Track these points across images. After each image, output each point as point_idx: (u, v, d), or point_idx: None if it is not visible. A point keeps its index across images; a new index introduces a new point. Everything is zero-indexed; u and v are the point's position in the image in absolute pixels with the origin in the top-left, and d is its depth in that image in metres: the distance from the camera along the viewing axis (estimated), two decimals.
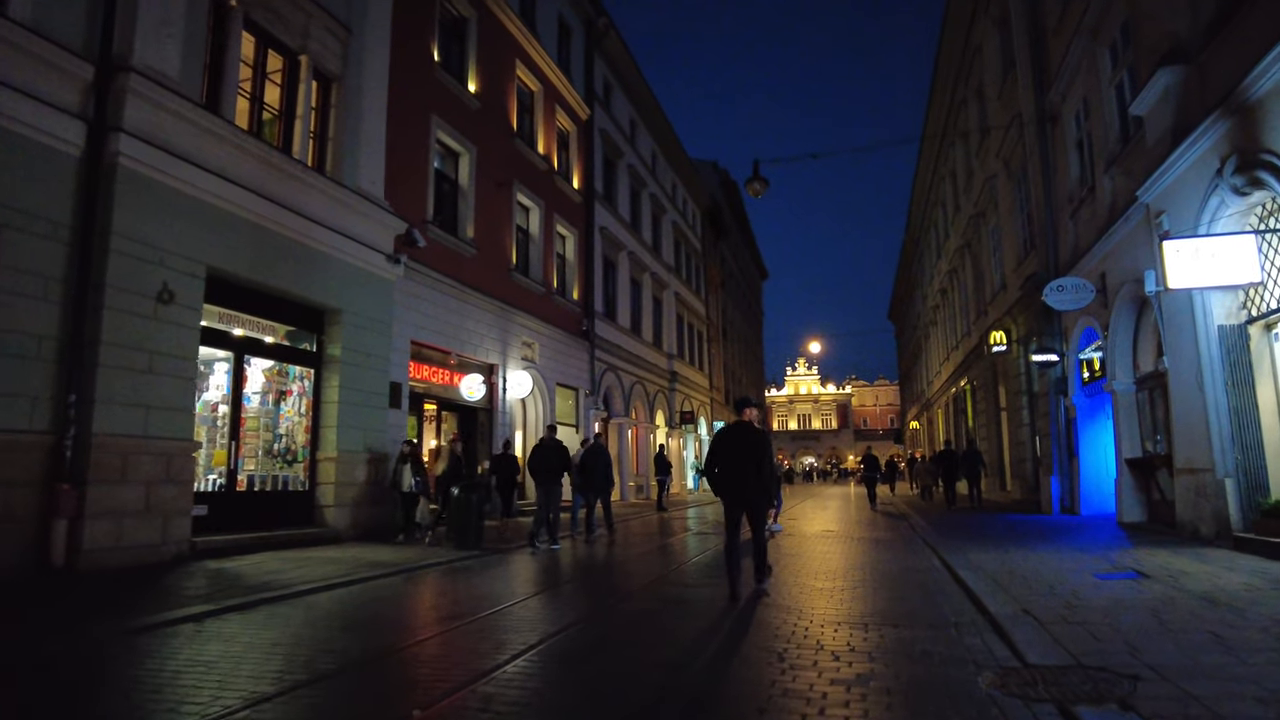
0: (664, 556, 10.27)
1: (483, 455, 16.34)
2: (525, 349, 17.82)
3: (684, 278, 33.33)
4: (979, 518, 14.80)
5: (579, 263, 21.32)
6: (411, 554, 9.78)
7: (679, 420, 30.46)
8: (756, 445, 6.48)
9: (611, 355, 23.26)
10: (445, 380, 15.15)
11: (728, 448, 6.56)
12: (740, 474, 6.45)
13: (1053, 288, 11.88)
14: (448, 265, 14.88)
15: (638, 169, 26.72)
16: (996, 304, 19.65)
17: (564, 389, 20.26)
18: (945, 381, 31.66)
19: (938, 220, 31.13)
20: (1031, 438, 16.88)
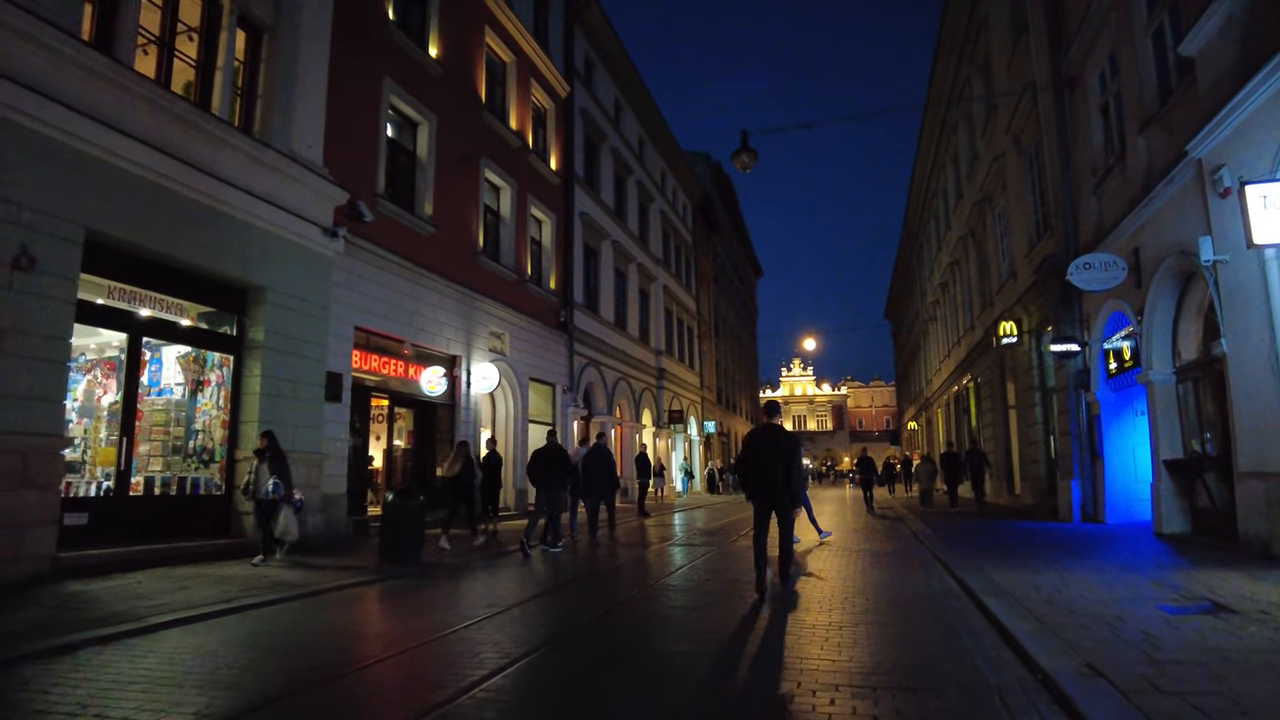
0: (636, 573, 8.81)
1: (441, 456, 14.83)
2: (494, 340, 16.34)
3: (673, 271, 31.88)
4: (988, 525, 13.36)
5: (557, 250, 19.84)
6: (324, 572, 8.29)
7: (667, 420, 29.00)
8: (786, 447, 6.73)
9: (593, 350, 21.80)
10: (399, 372, 13.65)
11: (758, 449, 6.80)
12: (770, 475, 6.67)
13: (1078, 266, 10.46)
14: (402, 244, 13.40)
15: (622, 153, 25.28)
16: (1004, 294, 18.25)
17: (539, 384, 18.78)
18: (946, 380, 30.26)
19: (938, 211, 29.75)
20: (1045, 437, 15.46)
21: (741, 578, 7.82)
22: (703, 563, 9.38)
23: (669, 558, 10.17)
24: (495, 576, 8.60)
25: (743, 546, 10.99)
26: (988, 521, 14.22)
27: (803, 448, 7.77)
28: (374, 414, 13.75)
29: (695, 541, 12.14)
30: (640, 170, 27.48)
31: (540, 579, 8.30)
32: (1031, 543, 10.03)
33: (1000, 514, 16.22)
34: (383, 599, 7.13)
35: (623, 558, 10.24)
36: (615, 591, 7.51)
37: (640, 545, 11.78)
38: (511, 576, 8.51)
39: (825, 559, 9.38)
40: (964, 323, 24.94)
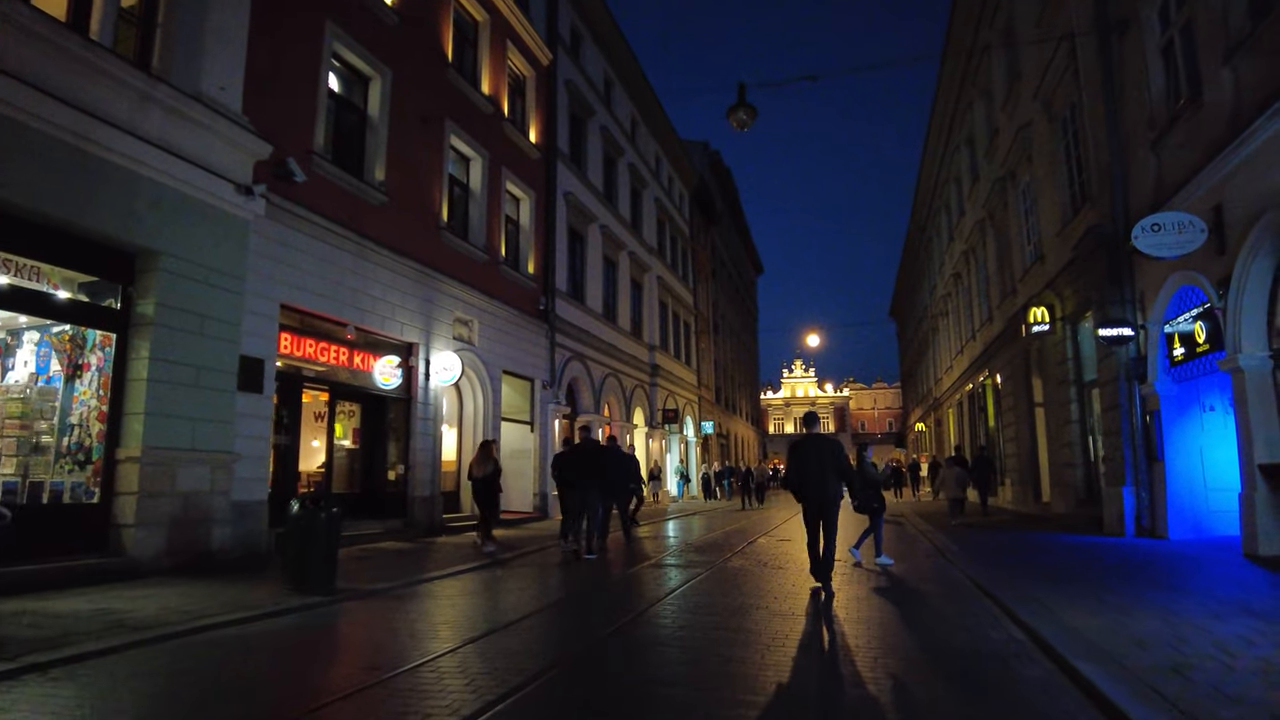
0: (609, 603, 6.99)
1: (394, 455, 13.02)
2: (460, 327, 14.52)
3: (668, 262, 30.09)
4: (1022, 539, 11.54)
5: (536, 231, 18.04)
6: (201, 602, 6.47)
7: (661, 419, 27.17)
8: (832, 454, 7.15)
9: (578, 342, 19.99)
10: (342, 360, 11.85)
11: (806, 459, 7.16)
12: (820, 482, 7.06)
13: (1145, 229, 8.63)
14: (345, 212, 11.61)
15: (613, 133, 23.48)
16: (1031, 279, 16.42)
17: (514, 379, 16.97)
18: (958, 379, 28.43)
19: (949, 199, 27.94)
20: (1082, 437, 13.62)
21: (743, 615, 6.00)
22: (696, 588, 7.56)
23: (653, 581, 8.34)
24: (425, 606, 6.79)
25: (738, 566, 9.17)
26: (1019, 534, 12.39)
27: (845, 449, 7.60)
28: (312, 409, 11.95)
29: (694, 561, 10.31)
30: (632, 152, 25.70)
31: (487, 612, 6.49)
32: (1089, 564, 8.21)
33: (1027, 524, 14.38)
34: (256, 648, 5.31)
35: (604, 578, 8.41)
36: (577, 632, 5.69)
37: (624, 563, 9.95)
38: (449, 607, 6.70)
39: (839, 585, 7.55)
40: (980, 315, 23.11)
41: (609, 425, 22.88)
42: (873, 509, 9.27)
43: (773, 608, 6.22)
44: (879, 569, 8.92)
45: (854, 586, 7.55)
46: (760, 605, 6.35)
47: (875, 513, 9.30)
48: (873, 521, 9.38)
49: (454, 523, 13.84)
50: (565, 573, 9.03)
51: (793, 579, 8.03)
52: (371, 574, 8.49)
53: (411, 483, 12.91)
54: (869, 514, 9.36)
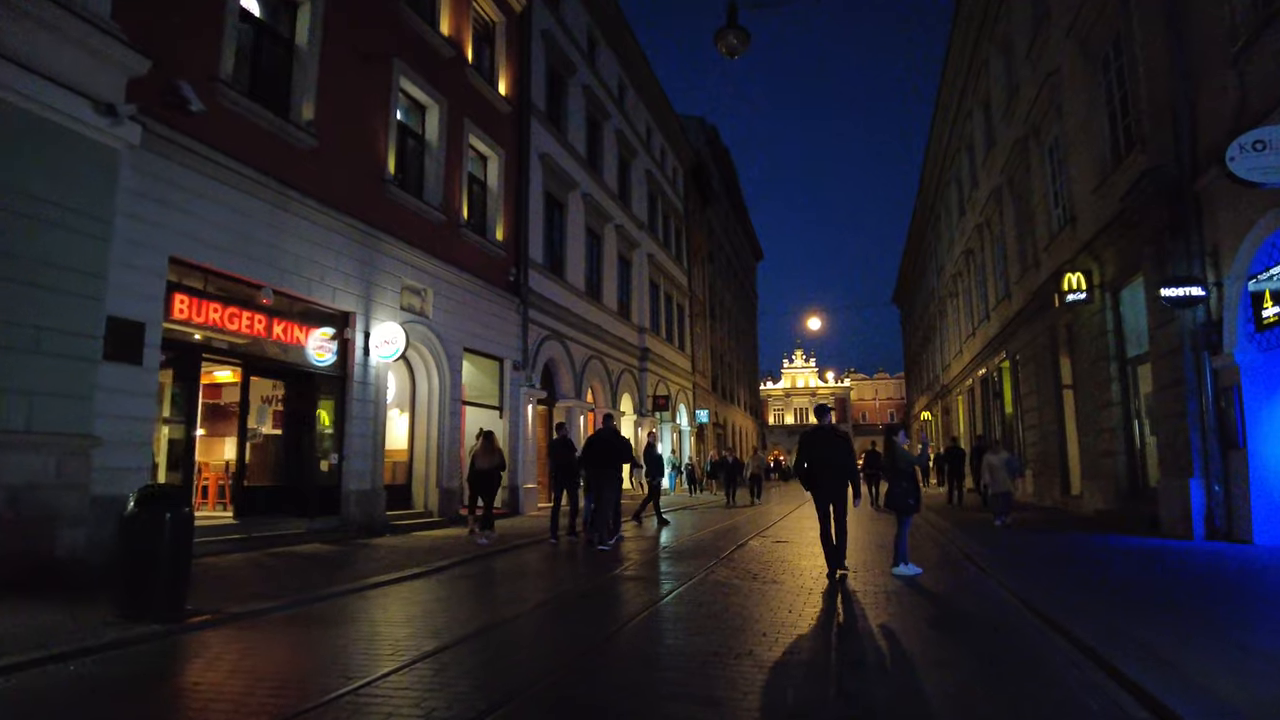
0: (557, 628, 5.19)
1: (326, 442, 11.21)
2: (410, 297, 12.69)
3: (661, 240, 28.21)
4: (1064, 541, 9.76)
5: (506, 193, 16.18)
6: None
7: (651, 406, 25.36)
8: (841, 445, 7.51)
9: (556, 320, 18.15)
10: (257, 329, 10.01)
11: (818, 449, 7.51)
12: (830, 470, 7.40)
13: (1243, 148, 6.77)
14: (262, 155, 9.77)
15: (597, 94, 21.57)
16: (1060, 246, 14.58)
17: (479, 358, 15.15)
18: (968, 364, 26.62)
19: (960, 170, 26.05)
20: (1124, 422, 11.81)
21: (716, 671, 4.20)
22: (660, 619, 5.76)
23: (606, 605, 6.54)
24: (304, 637, 5.00)
25: (721, 580, 7.36)
26: (1057, 535, 10.59)
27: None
28: (223, 388, 10.14)
29: (659, 573, 8.51)
30: (620, 118, 23.79)
31: (396, 641, 4.69)
32: (1174, 581, 6.43)
33: (1060, 522, 12.58)
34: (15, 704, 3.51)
35: (547, 597, 6.61)
36: (455, 701, 3.88)
37: (580, 575, 8.16)
38: (333, 639, 4.89)
39: (857, 612, 5.74)
40: (996, 293, 21.27)
41: (592, 412, 21.09)
42: (906, 505, 7.49)
43: (761, 654, 4.40)
44: (901, 580, 7.13)
45: (875, 612, 5.74)
46: (744, 649, 4.55)
47: (905, 510, 7.52)
48: (900, 522, 7.60)
49: (401, 521, 12.05)
50: (506, 585, 7.23)
51: (790, 599, 6.22)
52: (262, 587, 6.72)
53: (346, 475, 11.11)
54: (897, 511, 7.58)
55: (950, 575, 7.67)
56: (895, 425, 7.73)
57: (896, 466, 7.61)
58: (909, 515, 7.59)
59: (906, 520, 7.60)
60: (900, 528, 7.60)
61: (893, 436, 7.73)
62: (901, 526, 7.59)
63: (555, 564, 9.10)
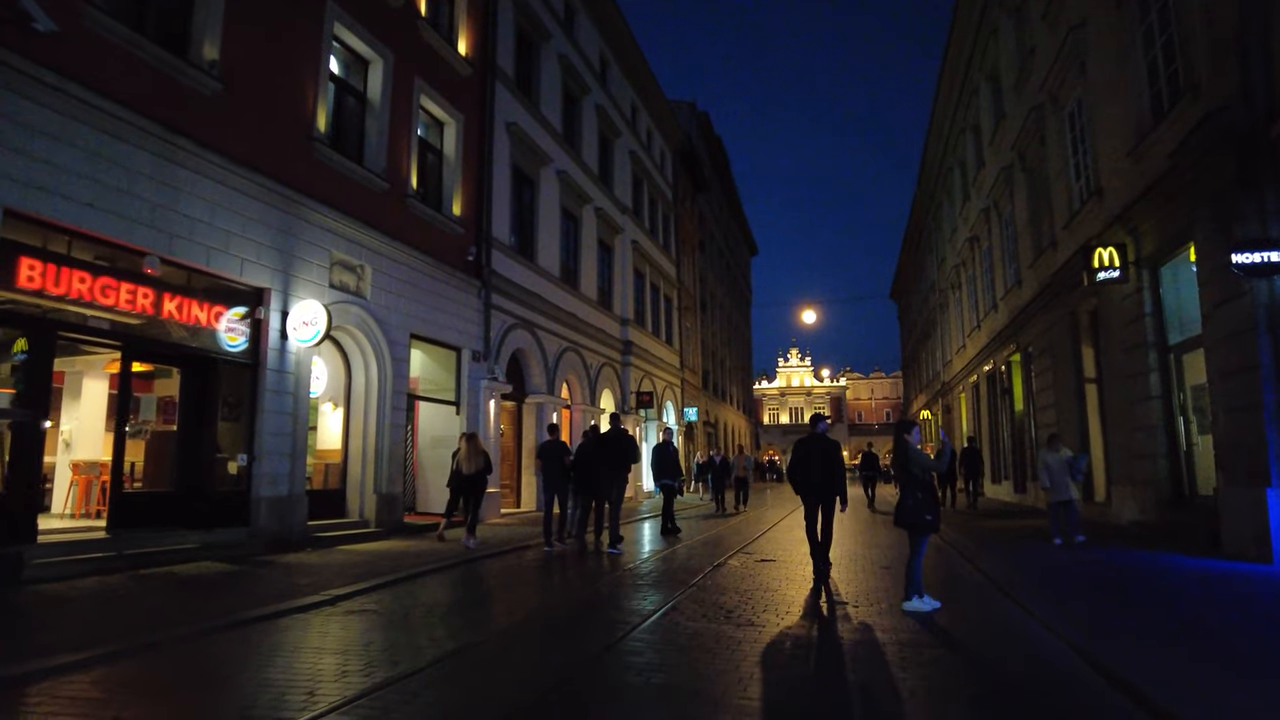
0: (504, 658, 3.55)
1: (238, 438, 9.54)
2: (343, 273, 11.04)
3: (646, 227, 26.56)
4: (1110, 564, 8.17)
5: (466, 164, 14.52)
6: None
7: (634, 404, 23.72)
8: (831, 452, 7.77)
9: (525, 307, 16.50)
10: (140, 305, 8.33)
11: (809, 455, 7.81)
12: (819, 476, 7.71)
13: None
14: (144, 95, 8.11)
15: (575, 65, 19.92)
16: (1081, 224, 12.99)
17: (432, 346, 13.49)
18: (972, 359, 25.05)
19: (964, 153, 24.47)
20: (1166, 419, 10.21)
21: None
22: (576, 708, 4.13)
23: (521, 669, 4.91)
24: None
25: (682, 627, 5.72)
26: (1095, 550, 8.98)
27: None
28: (96, 375, 8.48)
29: (606, 614, 6.88)
30: (601, 93, 22.13)
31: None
32: (1269, 623, 4.80)
33: (1091, 535, 10.99)
34: None
35: (459, 646, 4.96)
36: None
37: (517, 611, 6.53)
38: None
39: (858, 667, 4.12)
40: (1004, 281, 19.69)
41: (568, 409, 19.45)
42: (923, 522, 5.88)
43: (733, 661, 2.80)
44: (915, 620, 5.51)
45: (883, 680, 4.11)
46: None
47: (922, 528, 5.92)
48: (914, 542, 5.99)
49: (328, 532, 10.40)
50: (415, 630, 5.58)
51: (770, 657, 4.59)
52: (79, 627, 5.06)
53: (257, 478, 9.45)
54: (910, 529, 5.98)
55: (976, 611, 6.06)
56: (906, 421, 6.08)
57: (909, 472, 5.99)
58: (925, 535, 5.98)
59: (923, 542, 5.99)
60: (914, 551, 5.98)
61: (903, 435, 6.11)
62: (915, 550, 5.98)
63: (485, 592, 7.47)
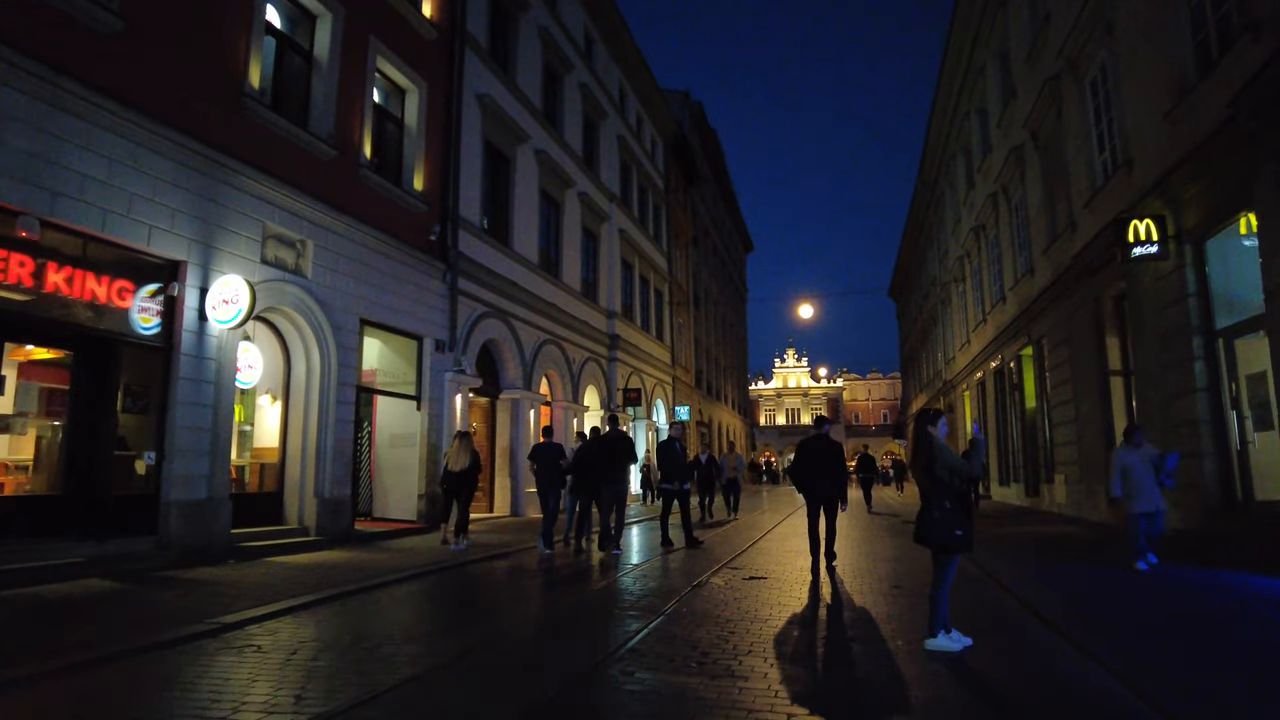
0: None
1: (145, 434, 8.24)
2: (279, 248, 9.75)
3: (635, 216, 25.29)
4: (1170, 587, 6.94)
5: (430, 136, 13.23)
6: None
7: (622, 401, 22.43)
8: (834, 454, 8.30)
9: (498, 294, 15.21)
10: (15, 275, 7.05)
11: (813, 457, 8.25)
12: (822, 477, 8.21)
13: None
14: (18, 27, 6.82)
15: (556, 39, 18.65)
16: (1106, 200, 11.77)
17: (387, 334, 12.20)
18: (977, 355, 23.82)
19: (970, 138, 23.24)
20: (1213, 414, 8.96)
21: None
22: None
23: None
24: None
25: (640, 669, 4.43)
26: (1128, 566, 7.73)
27: None
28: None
29: (551, 655, 5.60)
30: (586, 72, 20.87)
31: None
32: None
33: (1097, 542, 9.75)
34: None
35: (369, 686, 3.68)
36: None
37: (442, 649, 5.22)
38: None
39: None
40: (1014, 270, 18.46)
41: (547, 406, 18.16)
42: (951, 540, 4.62)
43: None
44: (942, 665, 4.25)
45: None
46: None
47: (951, 547, 4.65)
48: (939, 565, 4.73)
49: (259, 541, 9.10)
50: (287, 677, 4.29)
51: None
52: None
53: (168, 480, 8.15)
54: (935, 547, 4.72)
55: (1017, 651, 4.79)
56: (931, 411, 4.80)
57: (932, 474, 4.72)
58: (954, 555, 4.71)
59: (951, 564, 4.72)
60: (939, 576, 4.71)
61: (927, 427, 4.83)
62: (942, 574, 4.71)
63: (408, 620, 6.20)
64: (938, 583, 4.71)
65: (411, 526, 12.04)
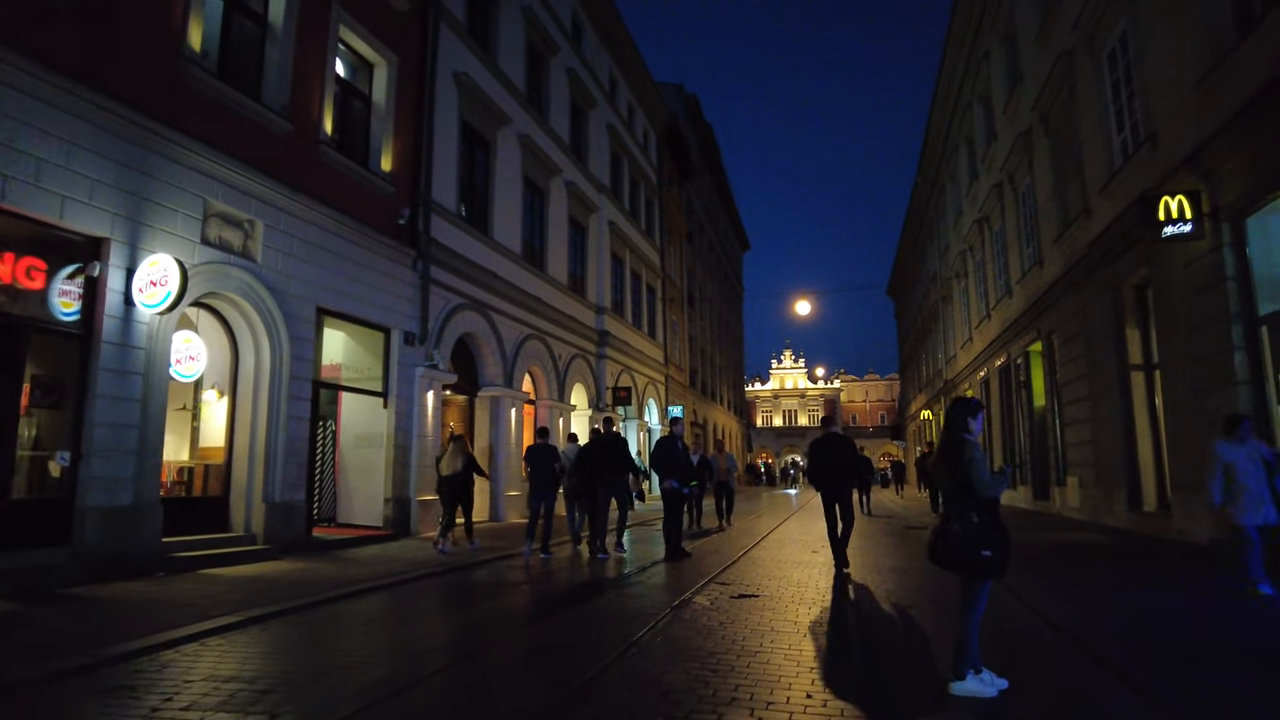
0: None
1: (59, 431, 7.33)
2: (223, 227, 8.84)
3: (627, 209, 24.40)
4: (1213, 604, 6.06)
5: (400, 114, 12.33)
6: None
7: (611, 400, 21.52)
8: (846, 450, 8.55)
9: (476, 285, 14.31)
10: None
11: (825, 454, 8.50)
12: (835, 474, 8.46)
13: None
14: None
15: (541, 20, 17.76)
16: (1126, 181, 10.92)
17: (351, 325, 11.29)
18: (980, 353, 22.96)
19: (972, 128, 22.41)
20: (1260, 408, 8.08)
21: None
22: None
23: None
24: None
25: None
26: (1190, 595, 6.85)
27: None
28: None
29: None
30: (574, 57, 19.98)
31: None
32: None
33: (1158, 558, 8.89)
34: None
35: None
36: None
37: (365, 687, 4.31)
38: None
39: None
40: (1021, 262, 17.60)
41: (531, 405, 17.27)
42: (979, 561, 3.72)
43: None
44: (973, 709, 3.36)
45: None
46: None
47: (980, 569, 3.75)
48: (967, 591, 3.83)
49: (194, 550, 8.18)
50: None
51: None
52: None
53: (86, 483, 7.24)
54: (963, 570, 3.82)
55: (1064, 696, 3.89)
56: (969, 401, 3.86)
57: (956, 481, 3.83)
58: (985, 580, 3.81)
59: (981, 591, 3.82)
60: (967, 605, 3.82)
61: (964, 421, 3.92)
62: (970, 603, 3.81)
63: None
64: (964, 613, 3.81)
65: (377, 534, 11.12)
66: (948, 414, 4.09)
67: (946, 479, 3.90)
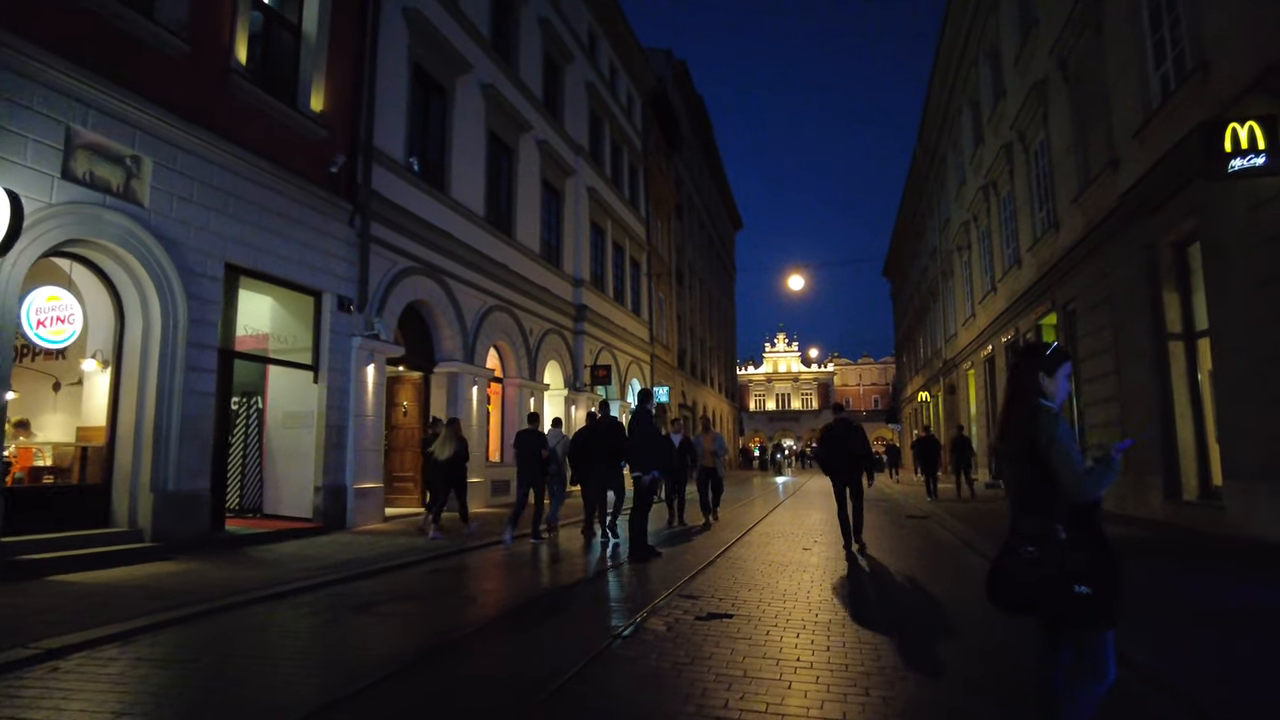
0: None
1: None
2: (97, 163, 7.29)
3: (608, 175, 22.82)
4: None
5: (335, 49, 10.75)
6: None
7: (589, 379, 20.07)
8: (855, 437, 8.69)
9: (430, 248, 12.78)
10: None
11: (835, 440, 8.67)
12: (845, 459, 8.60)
13: None
14: None
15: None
16: (1171, 117, 9.43)
17: (275, 287, 9.77)
18: (985, 329, 21.55)
19: (977, 89, 20.85)
20: None
21: None
22: None
23: None
24: None
25: None
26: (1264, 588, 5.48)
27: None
28: None
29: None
30: (548, 6, 18.32)
31: None
32: None
33: (1215, 555, 7.55)
34: None
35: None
36: None
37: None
38: None
39: None
40: (1034, 228, 16.13)
41: (498, 383, 15.80)
42: (1068, 602, 2.29)
43: None
44: None
45: None
46: None
47: (1078, 616, 2.31)
48: (1054, 656, 2.39)
49: (52, 551, 6.71)
50: None
51: None
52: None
53: None
54: (1048, 617, 2.40)
55: None
56: (1041, 347, 2.37)
57: (1029, 475, 2.41)
58: (1088, 631, 2.38)
59: (1097, 655, 2.37)
60: (1062, 676, 2.39)
61: (1037, 374, 2.52)
62: (1070, 673, 2.38)
63: (178, 682, 3.86)
64: (1055, 695, 2.38)
65: (305, 526, 9.68)
66: (1013, 370, 2.65)
67: (1019, 471, 2.47)
